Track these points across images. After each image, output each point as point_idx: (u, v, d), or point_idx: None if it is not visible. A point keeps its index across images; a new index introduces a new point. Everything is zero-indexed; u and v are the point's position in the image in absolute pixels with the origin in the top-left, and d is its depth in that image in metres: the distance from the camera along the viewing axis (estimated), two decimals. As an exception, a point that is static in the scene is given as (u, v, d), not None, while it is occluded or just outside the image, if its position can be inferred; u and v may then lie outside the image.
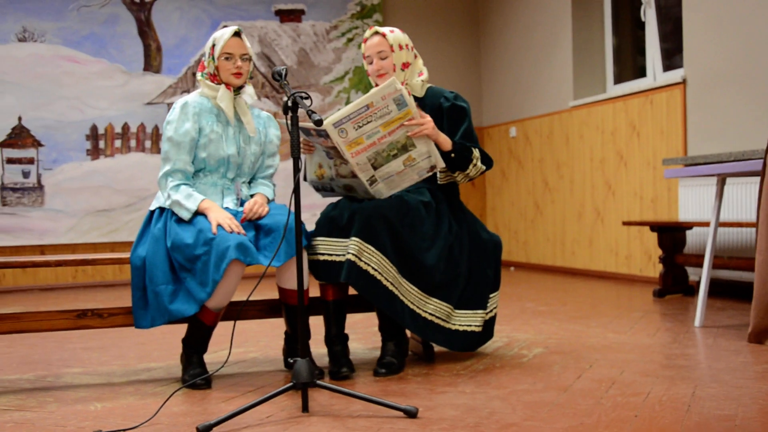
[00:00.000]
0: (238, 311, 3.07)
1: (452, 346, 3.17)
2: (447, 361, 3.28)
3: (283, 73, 2.80)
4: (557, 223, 7.02)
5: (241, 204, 3.14)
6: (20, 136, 6.83)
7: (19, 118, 6.82)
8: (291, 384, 2.51)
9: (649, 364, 3.15)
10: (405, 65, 3.19)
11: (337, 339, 3.13)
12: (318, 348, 3.39)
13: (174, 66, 7.21)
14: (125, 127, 7.11)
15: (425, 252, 3.06)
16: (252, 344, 3.85)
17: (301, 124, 2.87)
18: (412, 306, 3.04)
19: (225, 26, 7.14)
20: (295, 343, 3.15)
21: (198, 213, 2.96)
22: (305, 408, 2.52)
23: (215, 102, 3.11)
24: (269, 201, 3.18)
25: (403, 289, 3.02)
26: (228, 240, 2.82)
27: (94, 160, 7.02)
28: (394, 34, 3.18)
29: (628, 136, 6.06)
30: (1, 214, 6.76)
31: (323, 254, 3.02)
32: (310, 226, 3.15)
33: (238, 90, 3.13)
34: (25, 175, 6.82)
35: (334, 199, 3.20)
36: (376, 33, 3.19)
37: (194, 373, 2.96)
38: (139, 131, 7.15)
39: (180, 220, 2.99)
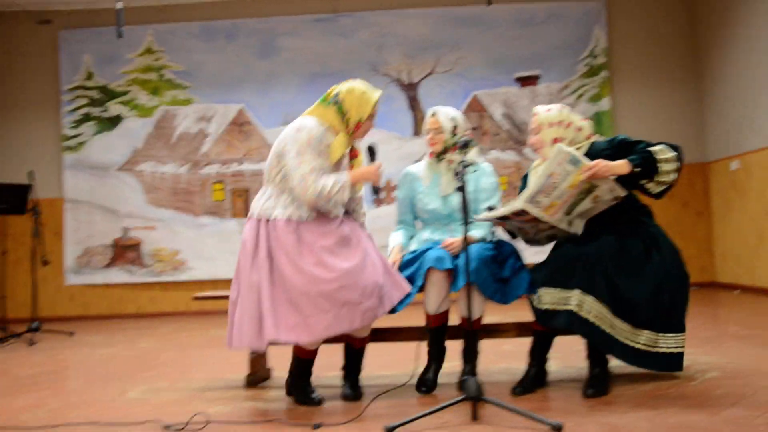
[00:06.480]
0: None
1: (662, 368, 3.00)
2: (623, 383, 3.11)
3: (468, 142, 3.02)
4: (782, 249, 6.20)
5: None
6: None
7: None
8: (462, 397, 2.62)
9: (819, 394, 2.75)
10: (556, 140, 3.10)
11: (534, 362, 3.14)
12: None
13: (436, 130, 7.62)
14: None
15: (635, 291, 2.94)
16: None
17: (498, 212, 3.02)
18: (625, 341, 2.95)
19: (476, 96, 7.53)
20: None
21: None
22: (474, 417, 2.61)
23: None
24: (478, 240, 3.22)
25: (618, 329, 2.94)
26: (430, 253, 3.15)
27: (378, 208, 7.64)
28: (548, 113, 3.14)
29: None
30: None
31: (546, 304, 3.01)
32: None
33: (439, 156, 3.34)
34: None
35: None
36: (534, 113, 3.19)
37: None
38: (409, 183, 7.65)
39: None
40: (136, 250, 7.62)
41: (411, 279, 3.16)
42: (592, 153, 3.13)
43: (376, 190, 3.17)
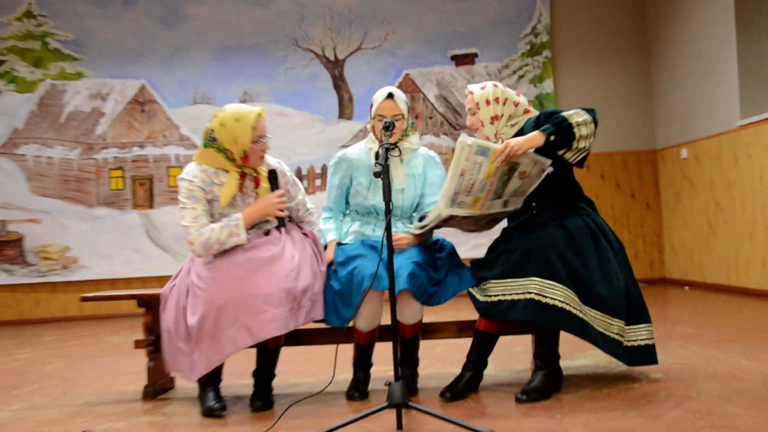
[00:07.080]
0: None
1: (636, 362, 3.10)
2: (569, 386, 3.18)
3: (389, 126, 2.95)
4: (730, 243, 6.49)
5: None
6: (238, 181, 7.55)
7: (240, 165, 7.55)
8: (386, 404, 2.62)
9: (763, 395, 2.87)
10: (494, 118, 3.16)
11: (472, 365, 3.16)
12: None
13: (363, 113, 7.61)
14: (324, 168, 7.61)
15: (598, 281, 3.02)
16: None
17: (427, 224, 3.02)
18: (600, 330, 3.01)
19: (408, 75, 7.54)
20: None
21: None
22: (399, 425, 2.60)
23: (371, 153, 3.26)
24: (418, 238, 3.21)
25: (590, 316, 3.00)
26: (365, 269, 3.04)
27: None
28: (483, 91, 3.18)
29: (796, 154, 5.50)
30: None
31: (497, 295, 3.03)
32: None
33: (394, 145, 3.21)
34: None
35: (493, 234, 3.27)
36: (469, 92, 3.22)
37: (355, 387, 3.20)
38: (335, 171, 7.62)
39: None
40: (17, 247, 7.31)
41: (345, 293, 3.09)
42: (526, 129, 3.18)
43: (281, 223, 3.12)
